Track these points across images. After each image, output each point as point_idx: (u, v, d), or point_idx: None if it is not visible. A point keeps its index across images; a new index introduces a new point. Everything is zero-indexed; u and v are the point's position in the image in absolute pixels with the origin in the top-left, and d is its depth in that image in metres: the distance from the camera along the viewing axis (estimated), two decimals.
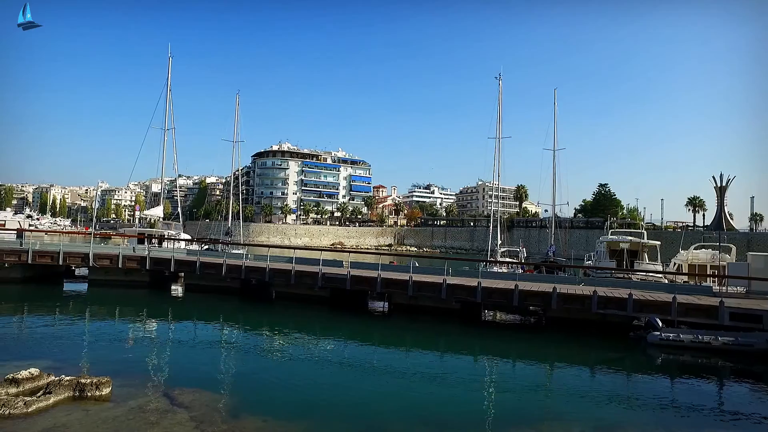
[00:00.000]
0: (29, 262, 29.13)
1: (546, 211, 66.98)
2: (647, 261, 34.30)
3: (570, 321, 22.56)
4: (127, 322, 22.55)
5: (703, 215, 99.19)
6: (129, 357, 16.40)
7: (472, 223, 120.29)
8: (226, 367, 16.02)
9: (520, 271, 32.81)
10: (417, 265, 28.52)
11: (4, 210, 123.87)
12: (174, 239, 40.40)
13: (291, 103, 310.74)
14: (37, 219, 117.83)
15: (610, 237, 36.57)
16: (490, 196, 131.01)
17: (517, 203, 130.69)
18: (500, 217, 44.39)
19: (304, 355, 17.84)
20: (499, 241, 42.12)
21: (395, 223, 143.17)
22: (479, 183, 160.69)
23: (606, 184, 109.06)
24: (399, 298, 25.60)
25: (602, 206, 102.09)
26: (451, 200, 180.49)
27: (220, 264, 28.38)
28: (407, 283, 24.19)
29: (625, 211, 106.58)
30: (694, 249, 32.56)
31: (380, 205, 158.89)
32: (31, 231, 47.84)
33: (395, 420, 11.49)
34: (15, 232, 44.17)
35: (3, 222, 77.41)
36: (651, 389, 15.09)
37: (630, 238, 35.46)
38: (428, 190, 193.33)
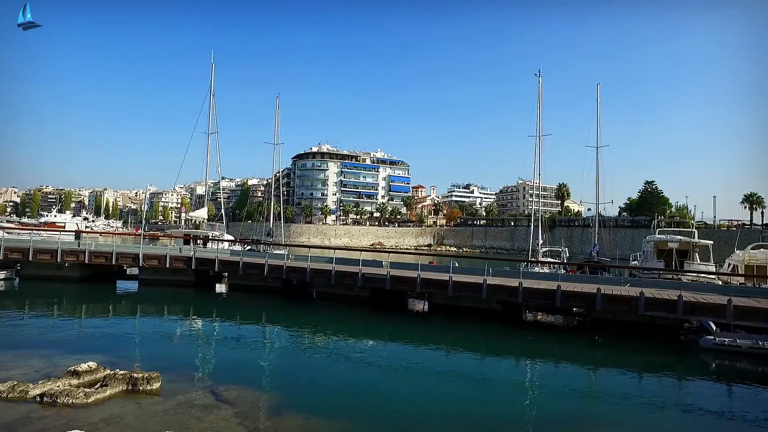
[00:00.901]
0: (86, 262, 30.71)
1: (589, 210, 65.26)
2: (698, 261, 32.84)
3: (615, 323, 21.89)
4: (174, 320, 23.42)
5: (762, 213, 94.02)
6: (177, 353, 17.04)
7: (512, 223, 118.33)
8: (268, 365, 16.38)
9: (563, 271, 32.04)
10: (457, 265, 28.32)
11: (64, 213, 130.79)
12: (218, 240, 41.59)
13: (330, 104, 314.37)
14: (93, 221, 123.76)
15: (658, 236, 35.20)
16: (531, 195, 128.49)
17: (559, 202, 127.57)
18: (541, 216, 43.50)
19: (345, 355, 18.01)
20: (541, 241, 41.25)
21: (434, 223, 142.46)
22: (519, 182, 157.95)
23: (653, 182, 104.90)
24: (439, 298, 25.49)
25: (649, 204, 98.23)
26: (491, 200, 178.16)
27: (262, 264, 29.01)
28: (447, 284, 24.06)
29: (673, 209, 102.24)
30: (752, 249, 30.90)
31: (419, 205, 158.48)
32: (87, 232, 50.28)
33: (435, 421, 11.46)
34: (73, 233, 46.55)
35: (63, 224, 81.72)
36: (704, 397, 14.43)
37: (679, 237, 34.02)
38: (468, 190, 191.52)
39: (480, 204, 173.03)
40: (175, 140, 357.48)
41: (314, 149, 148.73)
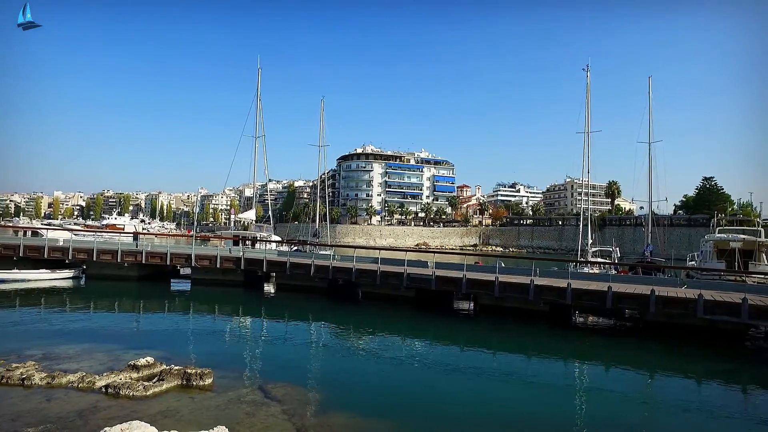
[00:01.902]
0: (143, 262, 32.23)
1: (641, 208, 62.65)
2: (765, 262, 30.92)
3: (671, 326, 20.96)
4: (225, 319, 24.20)
5: None
6: (227, 351, 17.60)
7: (560, 222, 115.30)
8: (315, 364, 16.66)
9: (614, 271, 30.93)
10: (503, 265, 27.85)
11: (123, 215, 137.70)
12: (265, 241, 42.63)
13: (374, 105, 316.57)
14: (149, 223, 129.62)
15: (719, 235, 33.42)
16: (580, 194, 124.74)
17: (609, 200, 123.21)
18: (590, 215, 42.15)
19: (390, 355, 18.08)
20: (590, 241, 40.01)
21: (480, 222, 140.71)
22: (567, 180, 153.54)
23: (711, 178, 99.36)
24: (485, 298, 25.18)
25: (707, 202, 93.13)
26: (538, 198, 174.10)
27: (309, 264, 29.52)
28: (493, 284, 23.73)
29: (735, 206, 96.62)
30: None
31: (464, 205, 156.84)
32: (143, 234, 52.67)
33: (481, 423, 11.33)
34: (132, 235, 48.92)
35: (122, 226, 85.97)
36: None
37: (743, 236, 32.15)
38: (514, 189, 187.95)
39: (526, 203, 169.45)
40: (224, 144, 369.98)
41: (359, 150, 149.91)
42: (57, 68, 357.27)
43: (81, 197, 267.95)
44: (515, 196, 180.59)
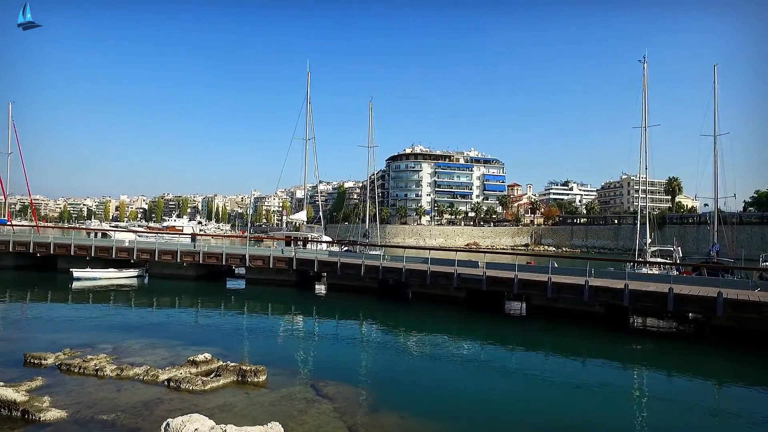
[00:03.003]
0: (200, 262, 33.60)
1: (706, 205, 59.34)
2: None
3: (741, 331, 19.68)
4: (277, 317, 24.82)
5: None
6: (280, 348, 18.08)
7: (616, 221, 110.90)
8: (365, 364, 16.81)
9: (675, 272, 29.42)
10: (556, 265, 27.12)
11: (182, 217, 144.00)
12: (317, 241, 43.37)
13: (422, 106, 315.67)
14: (205, 224, 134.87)
15: None
16: (637, 191, 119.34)
17: (669, 197, 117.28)
18: (649, 213, 40.30)
19: (441, 355, 17.98)
20: (648, 240, 38.24)
21: (531, 222, 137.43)
22: (623, 177, 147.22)
23: None
24: (537, 299, 24.60)
25: None
26: (592, 197, 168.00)
27: (359, 265, 29.81)
28: (546, 284, 23.15)
29: None
30: None
31: (515, 204, 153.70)
32: (200, 235, 54.84)
33: (532, 427, 11.09)
34: (189, 236, 51.06)
35: (181, 227, 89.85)
36: None
37: None
38: (566, 187, 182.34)
39: (580, 201, 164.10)
40: (276, 146, 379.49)
41: (408, 150, 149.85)
42: (121, 75, 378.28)
43: (144, 200, 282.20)
44: (568, 194, 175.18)
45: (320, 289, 32.98)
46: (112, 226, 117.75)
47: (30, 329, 19.72)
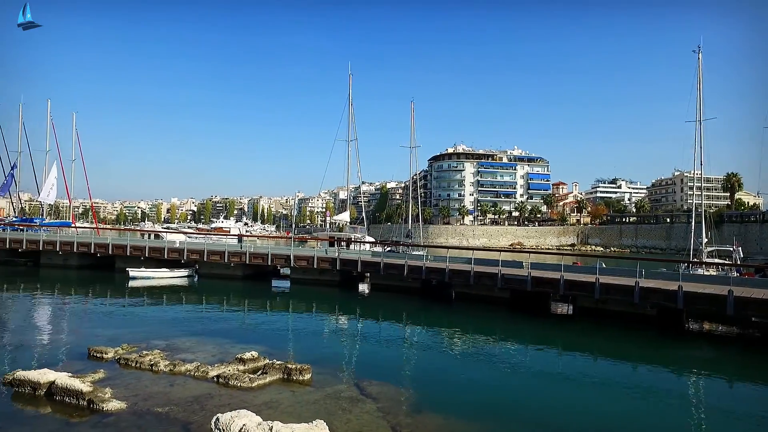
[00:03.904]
0: (247, 262, 34.53)
1: None
2: None
3: None
4: (322, 317, 25.21)
5: None
6: (325, 348, 18.34)
7: (668, 219, 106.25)
8: (409, 364, 16.84)
9: (735, 274, 27.93)
10: (604, 265, 26.24)
11: (229, 219, 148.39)
12: (360, 242, 43.75)
13: (464, 105, 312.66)
14: (251, 226, 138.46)
15: None
16: (691, 188, 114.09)
17: (727, 194, 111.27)
18: (705, 210, 38.44)
19: (485, 357, 17.80)
20: (705, 239, 36.48)
21: (578, 221, 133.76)
22: (676, 173, 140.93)
23: None
24: (584, 301, 23.95)
25: None
26: (642, 195, 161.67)
27: (402, 265, 29.86)
28: (593, 285, 22.50)
29: None
30: None
31: (560, 203, 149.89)
32: (247, 236, 56.40)
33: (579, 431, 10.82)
34: (236, 237, 52.59)
35: (228, 229, 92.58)
36: None
37: None
38: (614, 185, 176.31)
39: (629, 200, 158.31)
40: (319, 148, 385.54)
41: (450, 150, 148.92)
42: (172, 80, 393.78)
43: (193, 203, 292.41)
44: (616, 192, 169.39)
45: (363, 289, 33.25)
46: (164, 228, 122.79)
47: (92, 324, 20.93)
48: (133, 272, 34.36)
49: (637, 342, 20.10)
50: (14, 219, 60.70)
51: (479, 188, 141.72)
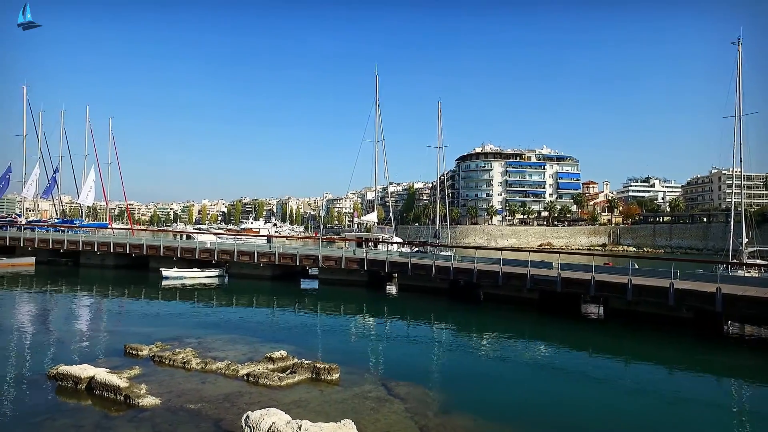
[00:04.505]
0: (276, 262, 34.99)
1: None
2: None
3: None
4: (349, 317, 25.34)
5: None
6: (352, 347, 18.47)
7: (705, 219, 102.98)
8: (436, 365, 16.79)
9: None
10: (636, 266, 25.60)
11: (258, 220, 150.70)
12: (387, 242, 43.82)
13: (492, 104, 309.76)
14: (280, 226, 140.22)
15: None
16: (729, 186, 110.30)
17: None
18: (745, 209, 37.10)
19: (513, 358, 17.60)
20: (745, 240, 35.20)
21: (609, 221, 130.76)
22: (713, 171, 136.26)
23: None
24: (616, 302, 23.44)
25: None
26: (676, 193, 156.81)
27: (430, 265, 29.79)
28: (625, 287, 21.99)
29: None
30: None
31: (591, 203, 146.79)
32: (276, 237, 57.14)
33: None
34: (265, 237, 53.36)
35: (258, 230, 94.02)
36: None
37: None
38: (647, 184, 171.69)
39: (662, 199, 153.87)
40: (347, 149, 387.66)
41: (477, 150, 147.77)
42: (199, 85, 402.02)
43: (223, 204, 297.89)
44: (649, 191, 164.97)
45: (391, 289, 33.28)
46: (195, 229, 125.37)
47: (128, 322, 21.60)
48: (166, 272, 35.25)
49: (673, 346, 19.54)
50: (56, 221, 63.10)
51: (507, 188, 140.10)
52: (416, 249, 44.91)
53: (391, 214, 56.68)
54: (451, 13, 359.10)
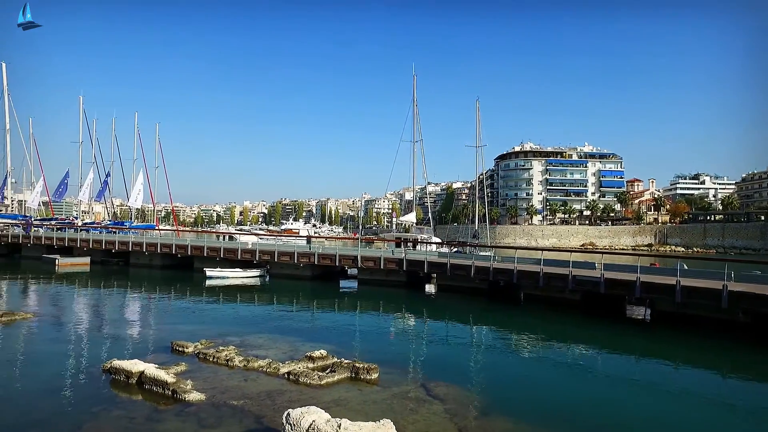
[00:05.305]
0: (315, 263, 35.45)
1: None
2: None
3: None
4: (388, 317, 25.41)
5: None
6: (391, 348, 18.52)
7: (763, 217, 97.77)
8: (476, 366, 16.63)
9: None
10: (685, 267, 24.57)
11: (298, 221, 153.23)
12: (426, 242, 43.67)
13: (531, 101, 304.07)
14: (319, 227, 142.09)
15: None
16: None
17: None
18: None
19: (555, 361, 17.22)
20: None
21: (655, 220, 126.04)
22: None
23: None
24: (664, 304, 22.59)
25: None
26: (730, 190, 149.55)
27: (469, 266, 29.53)
28: (674, 288, 21.14)
29: None
30: None
31: (636, 201, 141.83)
32: (315, 237, 57.92)
33: None
34: (305, 238, 54.15)
35: (297, 230, 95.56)
36: None
37: None
38: (696, 181, 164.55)
39: (714, 196, 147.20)
40: (385, 150, 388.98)
41: (516, 148, 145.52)
42: (243, 90, 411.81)
43: (264, 205, 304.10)
44: (699, 188, 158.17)
45: (430, 289, 33.17)
46: (237, 230, 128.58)
47: (174, 320, 22.39)
48: (209, 272, 36.29)
49: (727, 351, 18.66)
50: (108, 222, 66.15)
51: (548, 187, 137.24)
52: (455, 249, 44.57)
53: (429, 215, 56.40)
54: (487, 14, 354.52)
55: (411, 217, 56.07)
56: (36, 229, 55.35)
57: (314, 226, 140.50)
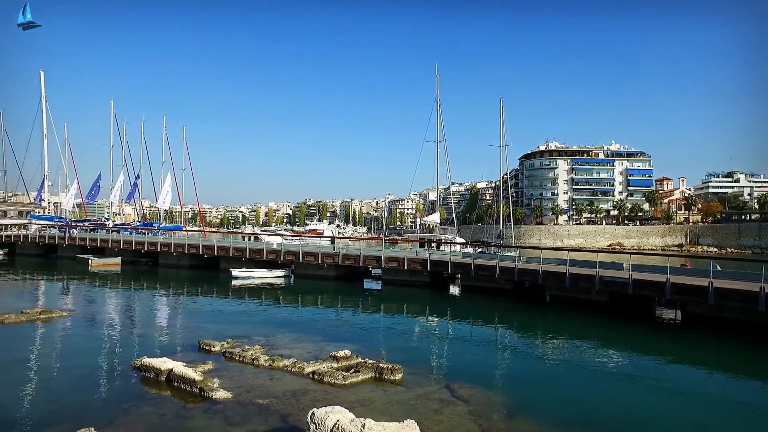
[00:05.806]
0: (339, 263, 35.66)
1: None
2: None
3: None
4: (412, 318, 25.39)
5: None
6: (415, 348, 18.50)
7: None
8: (501, 367, 16.50)
9: None
10: (719, 268, 23.82)
11: (322, 221, 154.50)
12: (450, 243, 43.49)
13: (556, 99, 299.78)
14: (343, 228, 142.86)
15: None
16: None
17: None
18: None
19: (581, 363, 16.94)
20: None
21: (686, 219, 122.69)
22: None
23: None
24: (695, 307, 21.99)
25: None
26: (767, 188, 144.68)
27: (493, 266, 29.29)
28: (706, 290, 20.51)
29: None
30: None
31: (665, 200, 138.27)
32: (339, 238, 58.28)
33: None
34: (329, 239, 54.55)
35: (321, 231, 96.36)
36: None
37: None
38: (730, 179, 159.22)
39: (749, 195, 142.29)
40: (408, 150, 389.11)
41: (541, 148, 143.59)
42: (268, 92, 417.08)
43: (288, 206, 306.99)
44: (733, 187, 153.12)
45: (454, 290, 33.02)
46: (263, 230, 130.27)
47: (201, 319, 22.79)
48: (235, 272, 36.84)
49: (764, 356, 18.05)
50: (138, 224, 67.87)
51: (574, 186, 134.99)
52: (479, 249, 44.24)
53: (453, 215, 55.99)
54: (512, 8, 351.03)
55: (435, 218, 55.84)
56: (71, 230, 57.16)
57: (338, 226, 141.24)
